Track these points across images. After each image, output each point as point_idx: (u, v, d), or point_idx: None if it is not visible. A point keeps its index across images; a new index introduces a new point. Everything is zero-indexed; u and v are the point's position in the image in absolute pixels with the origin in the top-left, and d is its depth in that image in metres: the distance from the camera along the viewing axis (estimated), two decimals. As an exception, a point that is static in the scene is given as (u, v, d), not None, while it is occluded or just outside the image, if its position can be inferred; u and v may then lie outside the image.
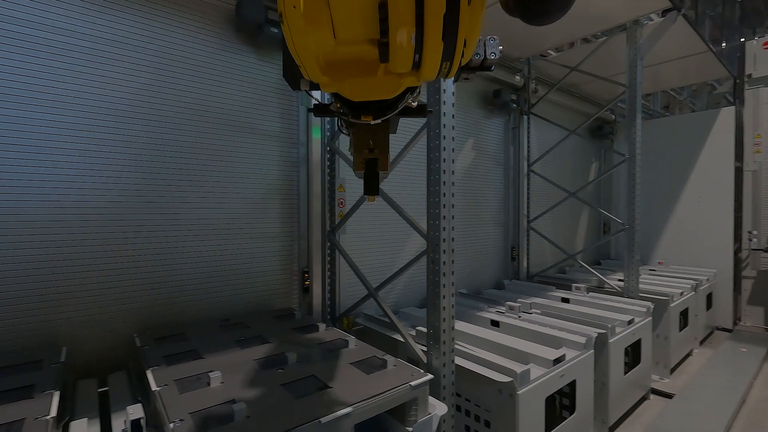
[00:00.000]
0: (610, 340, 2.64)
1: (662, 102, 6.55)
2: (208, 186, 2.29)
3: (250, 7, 2.23)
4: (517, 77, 4.07)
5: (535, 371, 2.05)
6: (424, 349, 2.00)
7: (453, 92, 1.86)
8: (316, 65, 0.68)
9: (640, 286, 3.71)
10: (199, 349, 1.79)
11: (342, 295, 2.83)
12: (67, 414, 1.45)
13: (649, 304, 3.18)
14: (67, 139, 1.88)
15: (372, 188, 1.12)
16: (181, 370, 1.56)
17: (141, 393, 1.69)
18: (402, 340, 2.24)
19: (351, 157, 1.04)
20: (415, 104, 0.97)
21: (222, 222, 2.35)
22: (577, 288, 3.62)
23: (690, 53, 4.05)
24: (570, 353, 2.27)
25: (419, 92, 0.93)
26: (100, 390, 1.74)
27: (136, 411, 1.38)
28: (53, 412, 1.25)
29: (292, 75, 0.87)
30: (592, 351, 2.41)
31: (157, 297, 2.14)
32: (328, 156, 2.73)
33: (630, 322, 2.89)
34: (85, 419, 1.35)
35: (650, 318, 3.15)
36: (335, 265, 2.75)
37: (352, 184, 2.83)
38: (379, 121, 0.91)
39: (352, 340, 1.89)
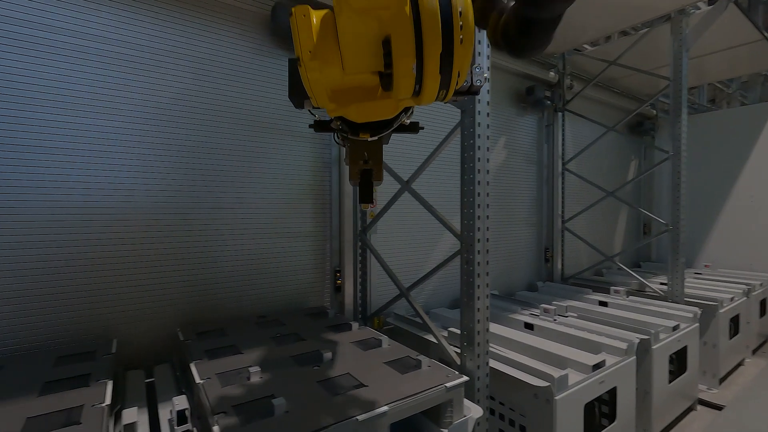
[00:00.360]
0: (654, 347, 2.52)
1: (708, 95, 6.17)
2: (244, 187, 2.37)
3: (285, 12, 2.28)
4: (551, 73, 3.95)
5: (574, 377, 1.98)
6: (457, 350, 1.98)
7: (488, 90, 1.83)
8: (325, 95, 0.78)
9: (686, 290, 3.52)
10: (237, 344, 1.85)
11: (372, 295, 2.85)
12: (118, 402, 1.54)
13: (696, 309, 3.01)
14: (124, 143, 1.99)
15: (366, 197, 1.21)
16: (222, 365, 1.62)
17: (185, 385, 1.76)
18: (434, 341, 2.23)
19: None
20: (408, 122, 1.04)
21: (257, 222, 2.42)
22: (616, 291, 3.47)
23: (741, 42, 3.79)
24: (610, 359, 2.18)
25: (413, 111, 1.01)
26: (146, 380, 1.83)
27: (181, 402, 1.44)
28: (107, 400, 1.33)
29: (297, 96, 0.97)
30: (634, 357, 2.30)
31: (197, 294, 2.23)
32: (360, 156, 2.75)
33: (675, 328, 2.74)
34: (135, 408, 1.43)
35: (697, 324, 2.98)
36: (366, 265, 2.77)
37: (383, 184, 2.84)
38: (375, 138, 1.00)
39: (385, 339, 1.90)
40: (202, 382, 1.47)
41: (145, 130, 2.07)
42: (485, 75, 0.89)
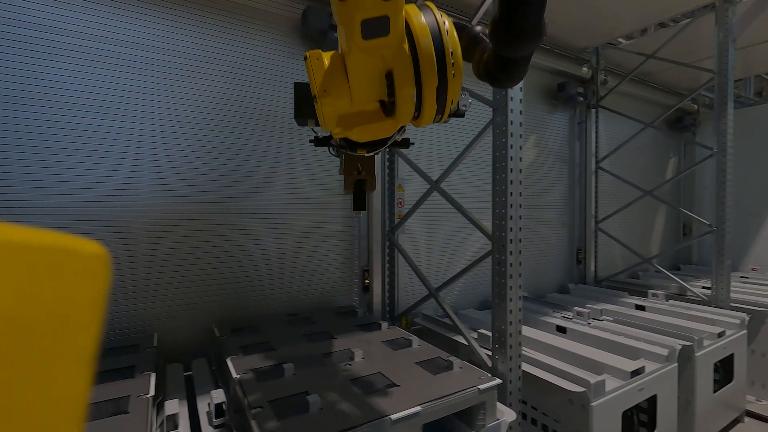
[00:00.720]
0: (697, 354, 2.39)
1: (755, 88, 5.80)
2: (275, 187, 2.42)
3: (315, 15, 2.32)
4: (583, 69, 3.83)
5: (611, 383, 1.91)
6: (488, 353, 1.95)
7: (521, 88, 1.79)
8: (334, 121, 0.89)
9: (732, 294, 3.32)
10: (271, 341, 1.90)
11: (400, 295, 2.85)
12: (160, 393, 1.61)
13: (743, 315, 2.83)
14: (163, 147, 2.09)
15: (360, 205, 1.37)
16: (257, 360, 1.67)
17: (221, 379, 1.82)
18: (464, 342, 2.21)
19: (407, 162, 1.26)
20: (400, 139, 1.17)
21: (288, 221, 2.47)
22: (654, 295, 3.32)
23: (794, 31, 3.54)
24: (650, 365, 2.09)
25: (404, 129, 1.11)
26: (185, 374, 1.91)
27: (218, 395, 1.49)
28: (152, 392, 1.40)
29: (301, 117, 1.13)
30: (676, 365, 2.20)
31: (231, 292, 2.30)
32: (388, 156, 2.76)
33: (720, 335, 2.59)
34: (176, 399, 1.49)
35: (745, 331, 2.80)
36: (394, 265, 2.77)
37: (411, 184, 2.84)
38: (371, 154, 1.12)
39: (416, 339, 1.90)
40: (238, 377, 1.51)
41: (185, 133, 2.15)
42: (470, 101, 1.03)
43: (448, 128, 3.10)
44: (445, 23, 0.81)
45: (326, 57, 0.88)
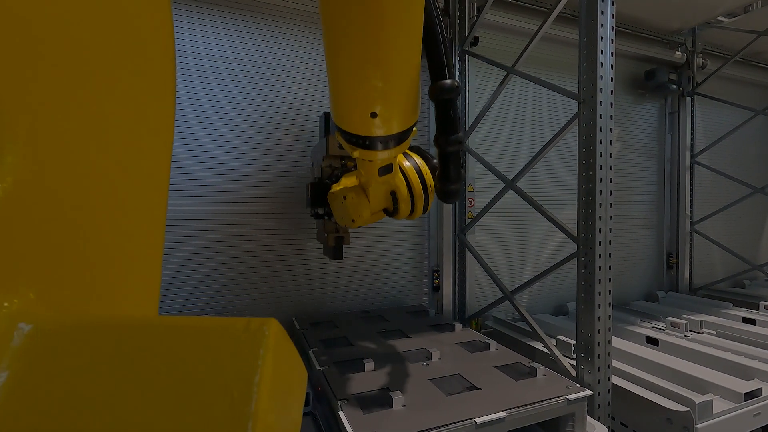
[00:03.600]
0: (829, 378, 2.04)
1: None
2: (349, 187, 2.50)
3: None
4: (677, 53, 3.44)
5: (719, 404, 1.70)
6: (572, 362, 1.84)
7: (612, 78, 1.66)
8: (357, 226, 1.52)
9: None
10: (348, 336, 1.96)
11: (470, 296, 2.79)
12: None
13: None
14: (238, 150, 2.26)
15: (338, 256, 1.83)
16: (337, 354, 1.73)
17: (302, 370, 1.92)
18: (542, 349, 2.11)
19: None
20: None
21: (361, 221, 2.53)
22: (767, 307, 2.89)
23: None
24: (768, 388, 1.82)
25: None
26: (270, 363, 2.04)
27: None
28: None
29: (312, 207, 1.75)
30: (802, 389, 1.89)
31: (310, 287, 2.42)
32: (458, 155, 2.72)
33: None
34: (266, 386, 1.60)
35: None
36: (465, 265, 2.72)
37: (481, 183, 2.77)
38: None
39: (493, 343, 1.85)
40: (322, 369, 1.59)
41: (260, 135, 2.31)
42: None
43: (521, 124, 2.97)
44: (418, 164, 1.48)
45: (355, 192, 1.46)
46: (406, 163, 1.46)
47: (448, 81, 1.12)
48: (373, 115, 1.00)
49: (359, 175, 1.45)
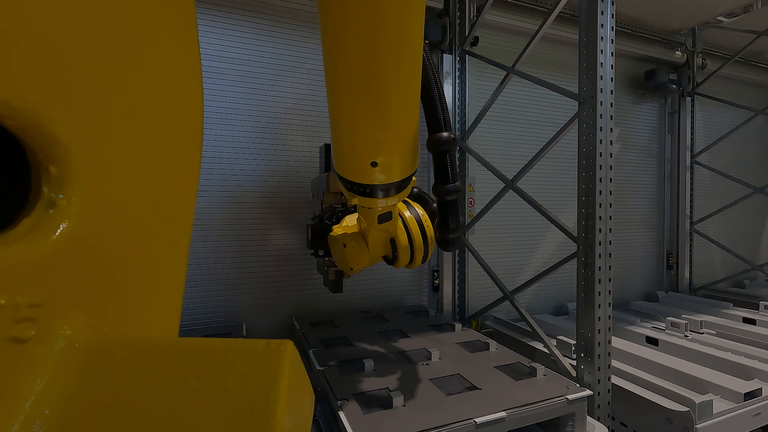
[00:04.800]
0: (829, 378, 2.04)
1: None
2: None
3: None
4: (677, 53, 3.44)
5: (719, 404, 1.70)
6: (572, 362, 1.84)
7: (612, 78, 1.66)
8: (355, 271, 1.48)
9: None
10: (348, 336, 1.96)
11: (469, 296, 2.79)
12: (251, 379, 1.74)
13: None
14: (244, 151, 2.26)
15: (338, 290, 1.74)
16: (337, 354, 1.73)
17: (302, 370, 1.92)
18: (542, 349, 2.11)
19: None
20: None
21: (361, 221, 2.53)
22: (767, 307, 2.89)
23: None
24: (768, 388, 1.82)
25: None
26: (269, 363, 2.04)
27: (304, 385, 1.57)
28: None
29: (312, 247, 1.71)
30: (802, 389, 1.89)
31: (309, 287, 2.42)
32: (458, 156, 2.72)
33: None
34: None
35: None
36: (465, 265, 2.72)
37: (481, 183, 2.77)
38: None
39: (493, 343, 1.85)
40: (321, 369, 1.59)
41: (266, 135, 2.31)
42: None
43: (521, 124, 2.97)
44: (419, 214, 1.44)
45: (355, 240, 1.43)
46: (407, 213, 1.43)
47: (445, 134, 1.16)
48: (374, 164, 1.02)
49: (360, 221, 1.42)
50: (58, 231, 0.30)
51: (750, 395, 1.76)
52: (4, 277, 0.27)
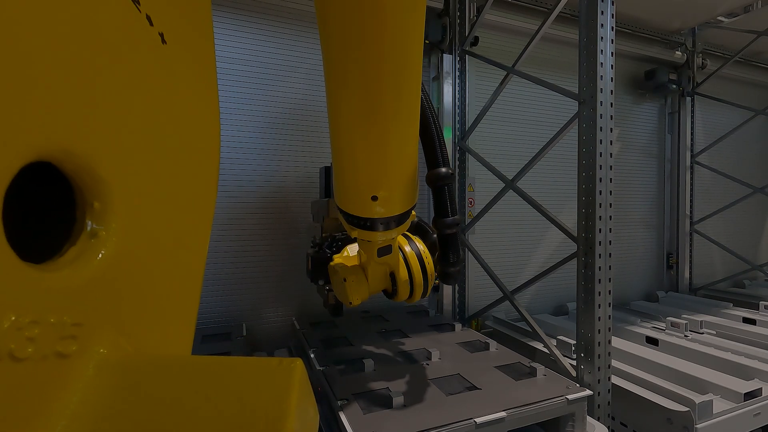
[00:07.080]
0: (829, 378, 2.04)
1: None
2: (349, 187, 2.49)
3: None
4: (677, 53, 3.44)
5: (719, 404, 1.70)
6: (571, 362, 1.84)
7: (612, 78, 1.66)
8: (356, 304, 1.43)
9: None
10: (348, 336, 1.96)
11: (469, 296, 2.78)
12: (252, 379, 1.74)
13: None
14: (246, 151, 2.26)
15: (338, 314, 1.74)
16: (337, 354, 1.73)
17: (302, 370, 1.92)
18: (542, 349, 2.11)
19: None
20: None
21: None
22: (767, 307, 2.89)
23: None
24: (768, 388, 1.82)
25: None
26: (270, 363, 2.04)
27: (304, 385, 1.57)
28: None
29: (312, 277, 1.68)
30: (802, 389, 1.89)
31: (310, 287, 2.41)
32: (458, 155, 2.72)
33: None
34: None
35: None
36: (465, 266, 2.72)
37: (481, 183, 2.77)
38: None
39: (493, 343, 1.85)
40: (321, 369, 1.59)
41: (268, 135, 2.31)
42: (436, 282, 1.47)
43: (521, 124, 2.97)
44: (420, 249, 1.42)
45: (356, 273, 1.40)
46: (408, 248, 1.41)
47: (444, 169, 1.20)
48: (374, 198, 1.04)
49: (360, 253, 1.41)
50: (98, 258, 0.34)
51: (750, 395, 1.76)
52: (55, 298, 0.30)
